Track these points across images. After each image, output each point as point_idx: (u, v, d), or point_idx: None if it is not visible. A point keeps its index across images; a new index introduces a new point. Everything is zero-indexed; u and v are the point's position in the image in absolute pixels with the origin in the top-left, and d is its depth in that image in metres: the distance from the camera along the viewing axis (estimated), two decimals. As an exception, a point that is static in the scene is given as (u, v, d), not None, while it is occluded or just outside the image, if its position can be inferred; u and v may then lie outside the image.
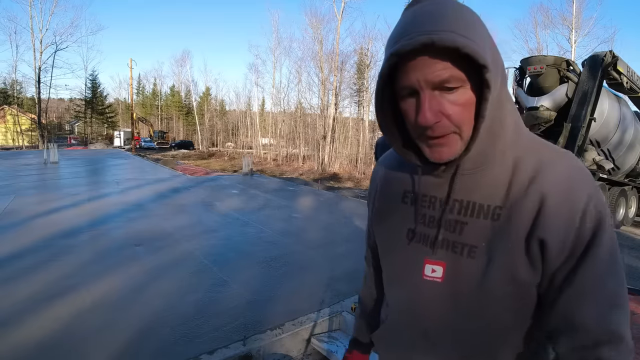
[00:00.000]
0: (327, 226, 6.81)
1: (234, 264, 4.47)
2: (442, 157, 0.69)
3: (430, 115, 0.64)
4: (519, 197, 0.69)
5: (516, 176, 0.71)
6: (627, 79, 8.81)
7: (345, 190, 12.93)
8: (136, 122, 41.31)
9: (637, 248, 7.47)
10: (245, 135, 45.69)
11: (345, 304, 3.53)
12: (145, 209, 7.10)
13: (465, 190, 0.74)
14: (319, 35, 29.21)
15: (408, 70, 0.64)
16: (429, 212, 0.79)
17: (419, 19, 0.64)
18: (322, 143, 27.06)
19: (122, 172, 13.91)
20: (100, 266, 4.16)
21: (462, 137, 0.67)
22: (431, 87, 0.64)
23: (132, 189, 9.38)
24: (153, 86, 69.59)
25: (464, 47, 0.59)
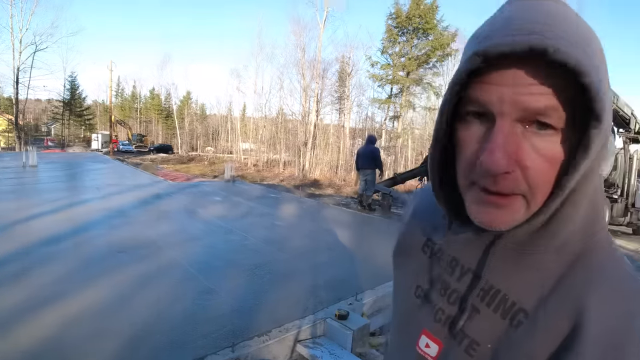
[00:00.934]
0: (309, 234, 6.93)
1: (219, 272, 4.55)
2: (494, 224, 0.48)
3: (502, 159, 0.44)
4: (552, 311, 0.49)
5: (565, 280, 0.50)
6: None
7: (327, 197, 13.05)
8: (114, 124, 40.83)
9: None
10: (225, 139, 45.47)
11: (328, 310, 3.65)
12: (128, 215, 7.10)
13: (500, 268, 0.55)
14: (302, 42, 29.33)
15: (490, 81, 0.45)
16: (446, 277, 0.62)
17: (528, 13, 0.44)
18: (303, 149, 27.13)
19: (102, 177, 13.79)
20: (85, 274, 4.19)
21: (530, 204, 0.47)
22: (516, 115, 0.44)
23: (113, 194, 9.33)
24: (132, 89, 68.76)
25: (584, 73, 0.41)
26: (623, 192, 11.86)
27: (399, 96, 28.11)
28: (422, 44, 26.68)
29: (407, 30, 26.56)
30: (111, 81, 36.44)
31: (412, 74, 26.82)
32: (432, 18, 25.89)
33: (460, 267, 0.60)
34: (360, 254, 5.77)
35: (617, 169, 11.77)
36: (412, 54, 26.58)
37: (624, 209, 11.92)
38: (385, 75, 27.65)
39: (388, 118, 29.47)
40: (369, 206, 10.37)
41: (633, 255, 8.29)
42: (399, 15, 26.19)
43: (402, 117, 28.21)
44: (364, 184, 10.40)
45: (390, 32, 26.92)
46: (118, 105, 64.22)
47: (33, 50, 35.25)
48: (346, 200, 12.57)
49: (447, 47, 26.78)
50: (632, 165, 12.01)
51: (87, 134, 54.40)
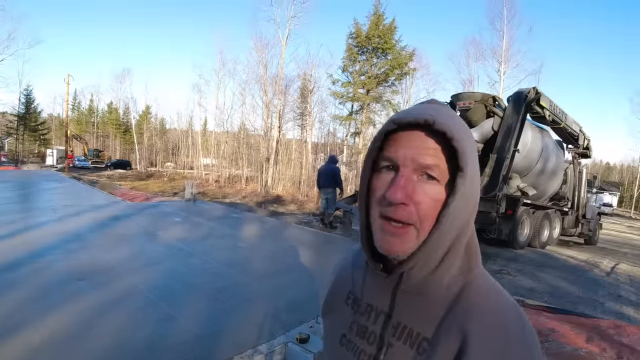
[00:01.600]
0: (271, 255, 6.98)
1: (180, 297, 4.53)
2: (392, 249, 0.65)
3: (402, 194, 0.63)
4: (444, 335, 0.65)
5: (454, 308, 0.66)
6: (550, 112, 9.69)
7: (289, 215, 13.10)
8: (70, 139, 39.51)
9: (560, 268, 8.12)
10: (186, 155, 44.87)
11: (290, 334, 3.70)
12: (85, 239, 6.95)
13: (405, 307, 0.71)
14: (264, 59, 29.52)
15: (399, 143, 0.65)
16: (364, 322, 0.76)
17: (423, 107, 0.68)
18: (266, 165, 27.12)
19: (58, 197, 13.34)
20: (45, 303, 4.09)
21: (419, 234, 0.65)
22: (413, 167, 0.64)
23: (69, 216, 9.08)
24: (90, 102, 67.06)
25: (455, 139, 0.62)
26: (573, 205, 12.47)
27: (359, 113, 28.57)
28: (381, 62, 27.32)
29: (366, 49, 27.13)
30: (68, 95, 35.28)
31: (372, 91, 27.37)
32: (390, 38, 26.58)
33: (375, 310, 0.75)
34: (322, 273, 5.87)
35: (567, 183, 12.38)
36: (371, 73, 27.14)
37: (574, 220, 12.50)
38: (346, 93, 28.07)
39: (349, 134, 29.87)
40: (330, 224, 10.51)
41: (584, 266, 8.73)
42: (359, 35, 26.76)
43: (362, 133, 28.63)
44: (325, 202, 10.55)
45: (351, 51, 27.43)
46: (74, 119, 62.44)
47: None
48: (308, 218, 12.66)
49: (405, 66, 27.53)
50: (582, 179, 12.65)
51: (42, 149, 52.48)
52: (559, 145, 11.77)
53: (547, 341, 3.86)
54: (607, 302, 5.86)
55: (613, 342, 3.91)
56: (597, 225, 13.47)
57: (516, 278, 6.78)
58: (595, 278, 7.47)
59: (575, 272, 7.92)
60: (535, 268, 7.80)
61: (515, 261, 8.33)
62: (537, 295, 5.82)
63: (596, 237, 13.52)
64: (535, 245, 10.34)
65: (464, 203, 0.65)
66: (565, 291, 6.27)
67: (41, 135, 53.95)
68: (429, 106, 0.68)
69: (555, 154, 10.93)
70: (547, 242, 10.97)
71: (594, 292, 6.36)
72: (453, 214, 0.63)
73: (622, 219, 37.07)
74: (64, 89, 35.06)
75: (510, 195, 9.41)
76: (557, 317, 4.62)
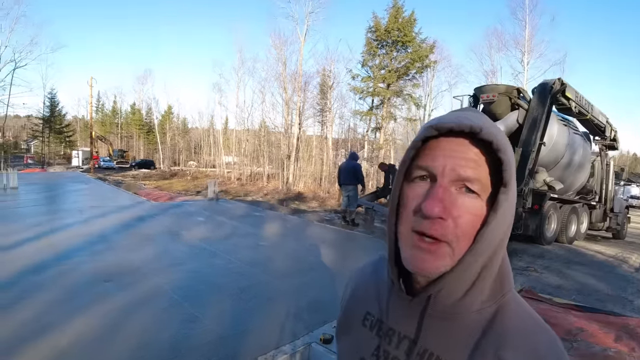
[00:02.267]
0: (293, 254, 6.99)
1: (204, 298, 4.58)
2: (423, 267, 0.60)
3: (439, 207, 0.58)
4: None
5: (487, 334, 0.61)
6: (576, 104, 9.46)
7: (311, 213, 13.12)
8: (95, 140, 40.35)
9: (588, 264, 7.94)
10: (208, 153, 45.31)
11: (314, 334, 3.71)
12: (111, 240, 7.08)
13: (432, 333, 0.65)
14: (283, 56, 29.58)
15: (437, 150, 0.61)
16: (385, 346, 0.71)
17: (463, 113, 0.63)
18: (287, 162, 27.20)
19: (84, 198, 13.66)
20: (72, 305, 4.17)
21: (454, 253, 0.59)
22: (452, 178, 0.59)
23: (95, 217, 9.27)
24: (113, 104, 68.41)
25: (502, 150, 0.58)
26: (601, 198, 12.18)
27: (380, 108, 28.41)
28: (401, 56, 27.09)
29: (386, 43, 26.94)
30: (91, 97, 36.05)
31: (393, 85, 27.18)
32: (410, 31, 26.32)
33: (397, 335, 0.69)
34: (344, 272, 5.85)
35: (595, 176, 12.08)
36: (391, 66, 26.94)
37: (602, 214, 12.22)
38: (366, 88, 27.94)
39: (370, 129, 29.73)
40: (352, 221, 10.48)
41: (612, 262, 8.51)
42: (378, 28, 26.58)
43: (383, 128, 28.48)
44: (346, 199, 10.52)
45: (370, 45, 27.27)
46: (98, 121, 63.74)
47: (12, 67, 34.83)
48: (330, 215, 12.67)
49: (426, 58, 27.24)
50: (609, 172, 12.34)
51: (67, 150, 53.70)
52: (586, 137, 11.49)
53: (576, 341, 3.81)
54: (636, 299, 5.71)
55: (642, 341, 3.86)
56: (625, 219, 13.13)
57: (543, 275, 6.65)
58: (624, 274, 7.29)
59: (604, 268, 7.73)
60: (562, 265, 7.64)
61: (542, 257, 8.17)
62: (564, 293, 5.70)
63: (624, 231, 13.18)
64: (562, 240, 10.13)
65: (503, 221, 0.60)
66: (593, 288, 6.12)
67: (66, 137, 55.16)
68: (470, 113, 0.63)
69: (582, 147, 10.67)
70: (575, 237, 10.74)
71: (622, 289, 6.21)
72: (492, 233, 0.59)
73: (652, 212, 36.05)
74: (88, 92, 35.85)
75: (537, 190, 9.22)
76: (585, 315, 4.55)
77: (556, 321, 4.24)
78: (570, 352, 3.53)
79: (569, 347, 3.63)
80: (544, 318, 2.48)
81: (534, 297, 5.14)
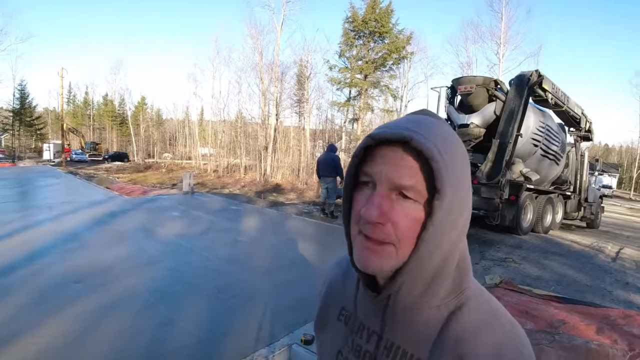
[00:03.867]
0: (273, 249, 6.86)
1: (180, 299, 4.41)
2: (369, 265, 0.63)
3: (377, 213, 0.60)
4: (439, 356, 0.63)
5: (446, 331, 0.64)
6: (552, 96, 9.55)
7: (289, 205, 12.98)
8: (67, 133, 39.23)
9: (565, 255, 8.06)
10: (183, 145, 44.66)
11: (294, 335, 3.61)
12: (82, 238, 6.80)
13: (396, 328, 0.68)
14: (259, 46, 29.19)
15: (376, 159, 0.63)
16: (358, 341, 0.74)
17: (405, 120, 0.65)
18: (264, 153, 26.98)
19: (54, 194, 13.18)
20: (42, 308, 3.96)
21: (399, 254, 0.61)
22: (389, 186, 0.61)
23: (66, 214, 8.92)
24: (85, 95, 66.68)
25: (433, 158, 0.58)
26: (575, 188, 12.41)
27: (357, 99, 28.42)
28: (379, 47, 27.10)
29: (363, 33, 26.88)
30: (62, 88, 34.90)
31: (370, 76, 27.17)
32: (387, 22, 26.33)
33: (367, 330, 0.73)
34: (325, 267, 5.75)
35: (569, 167, 12.29)
36: (369, 57, 26.92)
37: (577, 204, 12.47)
38: (343, 79, 27.87)
39: (347, 120, 29.73)
40: (331, 214, 10.42)
41: (588, 251, 8.66)
42: (355, 19, 26.48)
43: (361, 119, 28.51)
44: (325, 191, 10.45)
45: (347, 35, 27.17)
46: (70, 113, 62.21)
47: (-20, 59, 33.54)
48: (309, 208, 12.57)
49: (403, 49, 27.31)
50: (584, 163, 12.58)
51: (38, 144, 52.28)
52: (561, 128, 11.64)
53: (558, 333, 3.82)
54: (615, 289, 5.80)
55: (623, 332, 3.88)
56: (599, 208, 13.45)
57: (522, 266, 6.70)
58: (601, 264, 7.41)
59: (581, 258, 7.85)
60: (540, 255, 7.73)
61: (520, 248, 8.25)
62: (544, 284, 5.74)
63: (598, 220, 13.50)
64: (538, 230, 10.28)
65: (446, 225, 0.61)
66: (572, 279, 6.19)
67: (37, 130, 53.76)
68: (413, 118, 0.65)
69: (558, 138, 10.80)
70: (550, 226, 10.92)
71: (601, 279, 6.30)
72: (432, 237, 0.60)
73: (622, 201, 37.24)
74: (59, 83, 34.68)
75: (513, 181, 9.30)
76: (566, 307, 4.59)
77: (537, 313, 4.25)
78: (552, 345, 3.51)
79: (551, 340, 3.62)
80: (526, 310, 2.43)
81: (514, 289, 5.15)
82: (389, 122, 0.66)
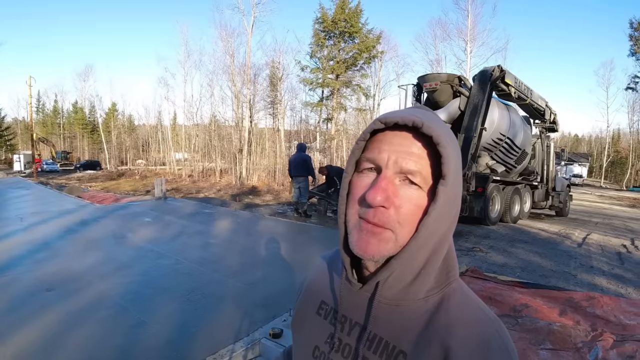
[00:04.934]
0: (245, 250, 6.91)
1: (151, 301, 4.44)
2: (367, 249, 0.63)
3: (381, 196, 0.60)
4: (424, 349, 0.63)
5: (433, 322, 0.65)
6: (515, 89, 9.85)
7: (264, 207, 13.02)
8: (37, 143, 38.23)
9: (532, 242, 8.31)
10: (157, 151, 44.11)
11: (263, 330, 3.68)
12: (53, 247, 6.73)
13: (380, 319, 0.68)
14: (230, 48, 29.06)
15: (383, 143, 0.64)
16: (341, 336, 0.73)
17: (411, 110, 0.67)
18: (239, 156, 26.88)
19: (25, 204, 12.90)
20: (14, 317, 3.95)
21: (397, 239, 0.62)
22: (395, 170, 0.62)
23: (37, 224, 8.79)
24: (54, 103, 65.12)
25: (441, 144, 0.60)
26: (543, 178, 12.77)
27: (330, 98, 28.61)
28: (349, 47, 27.36)
29: (334, 34, 27.09)
30: (31, 97, 33.99)
31: (342, 76, 27.41)
32: (357, 22, 26.60)
33: (349, 322, 0.72)
34: (295, 265, 5.87)
35: (536, 157, 12.65)
36: (340, 57, 27.14)
37: (544, 193, 12.82)
38: (315, 79, 28.05)
39: (321, 120, 29.90)
40: (304, 213, 10.51)
41: (555, 238, 8.94)
42: (325, 19, 26.66)
43: (334, 119, 28.69)
44: (298, 191, 10.54)
45: (318, 36, 27.34)
46: (40, 122, 60.77)
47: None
48: (283, 208, 12.63)
49: (373, 49, 27.63)
50: (550, 153, 12.95)
51: (8, 155, 50.98)
52: (526, 121, 11.99)
53: (521, 317, 3.90)
54: (579, 273, 6.01)
55: (587, 314, 3.98)
56: (567, 197, 13.85)
57: (488, 255, 6.91)
58: (566, 250, 7.67)
59: (547, 245, 8.12)
60: (507, 244, 7.96)
61: (488, 238, 8.49)
62: (509, 271, 5.94)
63: (567, 209, 13.90)
64: (507, 220, 10.57)
65: (445, 212, 0.63)
66: (537, 265, 6.41)
67: (7, 141, 52.43)
68: (417, 110, 0.67)
69: (522, 130, 11.13)
70: (519, 216, 11.24)
71: (566, 264, 6.52)
72: (433, 222, 0.62)
73: (592, 189, 38.19)
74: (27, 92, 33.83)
75: (480, 173, 9.56)
76: (529, 291, 4.67)
77: (501, 298, 4.33)
78: (514, 328, 3.61)
79: (514, 324, 3.71)
80: (489, 296, 2.56)
81: (479, 277, 5.27)
82: (392, 111, 0.66)
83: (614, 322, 3.79)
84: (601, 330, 3.54)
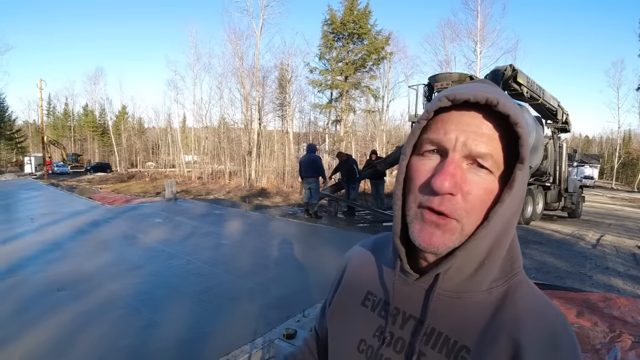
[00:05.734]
0: (256, 251, 6.86)
1: (162, 302, 4.41)
2: (432, 241, 0.58)
3: (450, 183, 0.55)
4: (490, 344, 0.58)
5: (500, 315, 0.60)
6: (527, 89, 9.73)
7: (273, 208, 12.99)
8: (48, 145, 38.63)
9: (546, 243, 8.20)
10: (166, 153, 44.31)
11: (277, 331, 3.63)
12: (64, 248, 6.74)
13: (440, 312, 0.63)
14: (239, 51, 29.09)
15: (449, 123, 0.58)
16: (389, 327, 0.67)
17: (479, 85, 0.60)
18: (248, 158, 26.90)
19: (36, 206, 12.96)
20: (25, 317, 3.93)
21: (463, 230, 0.57)
22: (463, 153, 0.57)
23: (48, 225, 8.82)
24: (65, 106, 65.67)
25: (519, 124, 0.55)
26: (555, 179, 12.63)
27: (339, 100, 28.57)
28: (358, 48, 27.31)
29: (342, 35, 27.06)
30: (42, 100, 34.31)
31: (350, 78, 27.37)
32: (365, 23, 26.55)
33: (402, 315, 0.67)
34: (307, 266, 5.81)
35: (548, 158, 12.49)
36: (348, 59, 27.10)
37: (557, 194, 12.69)
38: (324, 81, 28.02)
39: (330, 122, 29.86)
40: (315, 214, 10.46)
41: (569, 239, 8.81)
42: (333, 21, 26.64)
43: (343, 120, 28.65)
44: (308, 192, 10.50)
45: (327, 38, 27.33)
46: (50, 125, 61.35)
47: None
48: (293, 209, 12.60)
49: (382, 50, 27.56)
50: (562, 154, 12.80)
51: (19, 157, 51.50)
52: (538, 121, 11.85)
53: (538, 318, 3.84)
54: (595, 274, 5.91)
55: (604, 315, 3.91)
56: (579, 198, 13.69)
57: (502, 256, 6.78)
58: (581, 251, 7.55)
59: (562, 246, 8.00)
60: (521, 245, 7.61)
61: (501, 239, 8.35)
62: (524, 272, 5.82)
63: (580, 210, 13.73)
64: (519, 221, 10.40)
65: (517, 199, 0.58)
66: (552, 266, 6.31)
67: (18, 144, 52.95)
68: (486, 85, 0.60)
69: (534, 130, 10.99)
70: (532, 217, 11.10)
71: (581, 265, 6.42)
72: (506, 210, 0.57)
73: (603, 190, 37.87)
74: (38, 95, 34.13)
75: (493, 174, 9.43)
76: (546, 292, 4.50)
77: (517, 300, 4.29)
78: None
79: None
80: None
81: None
82: (457, 86, 0.60)
83: (632, 323, 3.73)
84: (619, 332, 3.47)
